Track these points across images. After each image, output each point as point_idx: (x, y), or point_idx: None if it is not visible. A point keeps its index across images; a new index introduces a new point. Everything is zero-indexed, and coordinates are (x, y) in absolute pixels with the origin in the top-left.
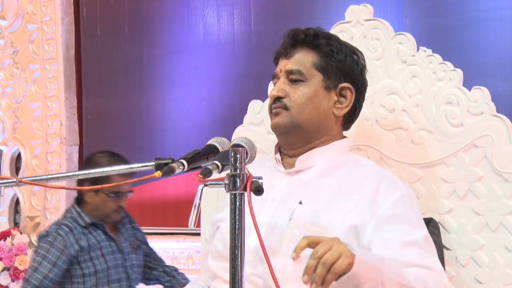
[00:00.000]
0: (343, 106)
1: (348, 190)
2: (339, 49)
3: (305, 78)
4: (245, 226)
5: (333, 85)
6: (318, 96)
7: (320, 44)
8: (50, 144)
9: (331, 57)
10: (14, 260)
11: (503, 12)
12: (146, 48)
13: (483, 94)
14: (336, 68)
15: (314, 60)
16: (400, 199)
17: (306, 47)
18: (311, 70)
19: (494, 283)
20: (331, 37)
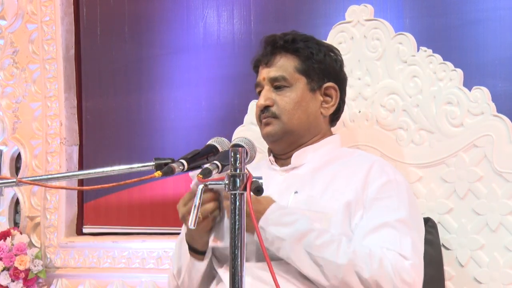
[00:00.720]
0: (329, 105)
1: (343, 177)
2: (318, 50)
3: (289, 84)
4: (244, 226)
5: (317, 86)
6: (305, 99)
7: (299, 48)
8: (50, 144)
9: (312, 59)
10: (14, 260)
11: (503, 12)
12: (146, 48)
13: (483, 94)
14: (318, 69)
15: (296, 64)
16: (385, 184)
17: (286, 53)
18: (295, 75)
19: (494, 283)
20: (308, 39)
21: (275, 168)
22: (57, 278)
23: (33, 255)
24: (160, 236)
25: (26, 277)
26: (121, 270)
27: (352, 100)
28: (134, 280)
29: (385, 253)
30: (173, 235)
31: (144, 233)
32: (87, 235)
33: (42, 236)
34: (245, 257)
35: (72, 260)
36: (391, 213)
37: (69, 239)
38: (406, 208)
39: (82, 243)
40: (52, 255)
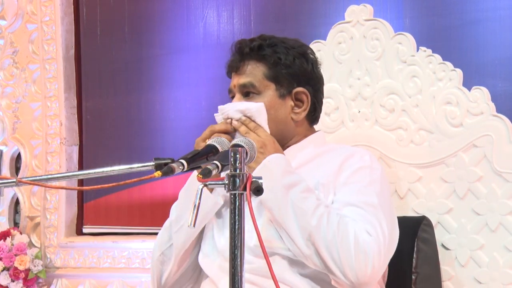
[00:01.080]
0: (300, 110)
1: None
2: (286, 54)
3: (258, 91)
4: (244, 225)
5: (287, 92)
6: (273, 107)
7: (266, 54)
8: (50, 144)
9: (280, 65)
10: (14, 260)
11: (503, 12)
12: (146, 48)
13: (483, 94)
14: (287, 74)
15: (264, 70)
16: (358, 170)
17: (254, 59)
18: (263, 82)
19: (494, 283)
20: (276, 44)
21: None
22: (57, 278)
23: (33, 255)
24: None
25: (26, 277)
26: (121, 270)
27: (351, 100)
28: (134, 280)
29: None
30: None
31: (144, 233)
32: (87, 235)
33: (42, 236)
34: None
35: (72, 260)
36: (359, 195)
37: (69, 239)
38: (375, 193)
39: (82, 243)
40: (52, 255)
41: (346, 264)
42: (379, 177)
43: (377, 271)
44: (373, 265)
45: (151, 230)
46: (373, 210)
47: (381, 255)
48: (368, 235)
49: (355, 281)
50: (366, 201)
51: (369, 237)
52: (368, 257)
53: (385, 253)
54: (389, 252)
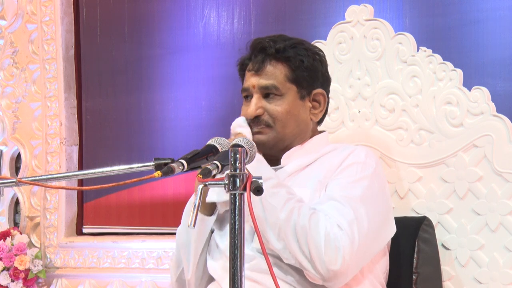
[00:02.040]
0: (318, 111)
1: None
2: (307, 56)
3: (280, 93)
4: (244, 225)
5: (306, 93)
6: (296, 107)
7: (290, 56)
8: (50, 144)
9: (302, 67)
10: (14, 260)
11: (503, 12)
12: (146, 48)
13: (483, 94)
14: (308, 77)
15: (286, 73)
16: (351, 165)
17: (275, 61)
18: (285, 84)
19: (494, 283)
20: (296, 45)
21: None
22: (57, 278)
23: (33, 255)
24: (160, 236)
25: (26, 277)
26: (121, 270)
27: (352, 100)
28: (134, 280)
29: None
30: (173, 235)
31: (144, 233)
32: (87, 235)
33: (42, 236)
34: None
35: (72, 260)
36: (342, 190)
37: (69, 239)
38: (361, 187)
39: (82, 243)
40: (52, 255)
41: (316, 257)
42: (371, 173)
43: (349, 264)
44: (344, 258)
45: (151, 230)
46: (352, 203)
47: (354, 249)
48: (339, 229)
49: (326, 274)
50: (348, 195)
51: (340, 231)
52: (338, 250)
53: (359, 247)
54: (368, 247)
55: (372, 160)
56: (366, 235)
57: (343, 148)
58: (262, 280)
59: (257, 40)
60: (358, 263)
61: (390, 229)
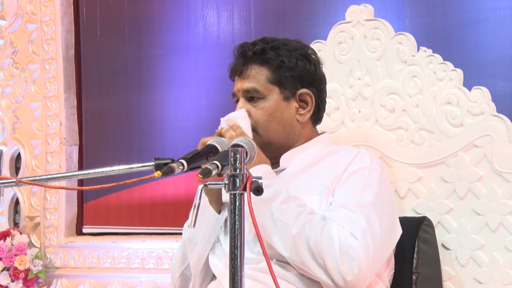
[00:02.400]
0: (305, 111)
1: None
2: (289, 56)
3: (262, 95)
4: (244, 225)
5: (291, 94)
6: (279, 109)
7: (269, 58)
8: (49, 144)
9: (283, 68)
10: (13, 260)
11: (503, 12)
12: (146, 48)
13: (483, 94)
14: (291, 77)
15: (267, 74)
16: (357, 171)
17: (257, 63)
18: (267, 86)
19: (494, 283)
20: (278, 46)
21: None
22: (57, 278)
23: (33, 255)
24: (160, 236)
25: (26, 277)
26: (121, 270)
27: (352, 100)
28: (134, 280)
29: (337, 228)
30: (173, 235)
31: (144, 233)
32: (87, 235)
33: (42, 236)
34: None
35: (72, 260)
36: (352, 196)
37: (69, 239)
38: (371, 193)
39: (82, 243)
40: (52, 255)
41: (333, 269)
42: (378, 178)
43: (366, 273)
44: (360, 267)
45: (151, 230)
46: (364, 210)
47: (369, 257)
48: (353, 238)
49: (344, 285)
50: (359, 202)
51: (355, 240)
52: (354, 260)
53: (374, 254)
54: (381, 253)
55: (377, 165)
56: (380, 242)
57: (346, 151)
58: (264, 279)
59: (239, 44)
60: (373, 270)
61: (398, 231)
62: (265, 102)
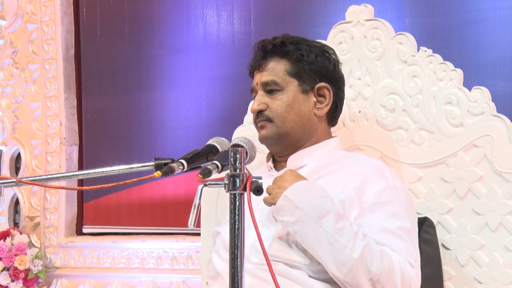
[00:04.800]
0: (323, 105)
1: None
2: (309, 51)
3: (280, 87)
4: (244, 225)
5: (309, 87)
6: (297, 101)
7: (289, 50)
8: (49, 144)
9: (302, 61)
10: (13, 260)
11: (503, 12)
12: (146, 48)
13: (483, 94)
14: (309, 70)
15: (286, 67)
16: (385, 189)
17: (276, 57)
18: (285, 78)
19: (494, 283)
20: (299, 41)
21: (273, 173)
22: (57, 278)
23: (33, 255)
24: (160, 236)
25: (26, 277)
26: (121, 270)
27: (352, 100)
28: (134, 280)
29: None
30: (173, 235)
31: (144, 233)
32: (87, 235)
33: (42, 236)
34: (245, 257)
35: (72, 260)
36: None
37: (69, 239)
38: (408, 216)
39: (82, 243)
40: (52, 255)
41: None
42: (405, 195)
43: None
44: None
45: (151, 230)
46: (409, 237)
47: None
48: (411, 267)
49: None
50: (401, 226)
51: (412, 269)
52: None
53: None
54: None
55: (398, 179)
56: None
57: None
58: (266, 277)
59: (260, 40)
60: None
61: None
62: (283, 94)
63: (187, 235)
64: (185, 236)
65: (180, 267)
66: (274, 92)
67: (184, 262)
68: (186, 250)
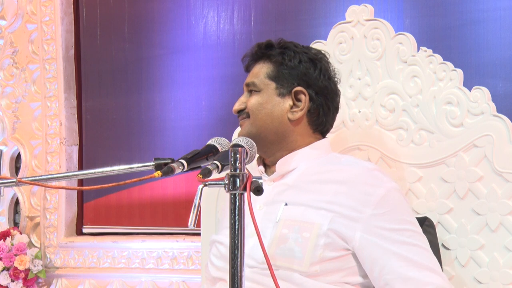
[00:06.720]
0: (298, 109)
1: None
2: (293, 56)
3: (258, 89)
4: (244, 226)
5: (287, 91)
6: (270, 102)
7: (272, 54)
8: (49, 144)
9: (283, 65)
10: (13, 260)
11: (503, 12)
12: (146, 48)
13: (483, 94)
14: (288, 75)
15: (268, 70)
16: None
17: (262, 60)
18: (264, 80)
19: (494, 283)
20: (287, 46)
21: (264, 178)
22: (57, 278)
23: (33, 255)
24: (160, 236)
25: (26, 277)
26: (120, 270)
27: (352, 100)
28: (134, 280)
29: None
30: (173, 235)
31: (144, 233)
32: (87, 235)
33: (42, 236)
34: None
35: (72, 260)
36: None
37: (69, 239)
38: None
39: (82, 243)
40: (52, 255)
41: None
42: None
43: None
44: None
45: (151, 230)
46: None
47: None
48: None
49: None
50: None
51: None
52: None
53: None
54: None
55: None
56: None
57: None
58: (265, 282)
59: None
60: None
61: None
62: (259, 95)
63: (187, 235)
64: (185, 236)
65: (180, 267)
66: (253, 93)
67: (184, 262)
68: (186, 250)
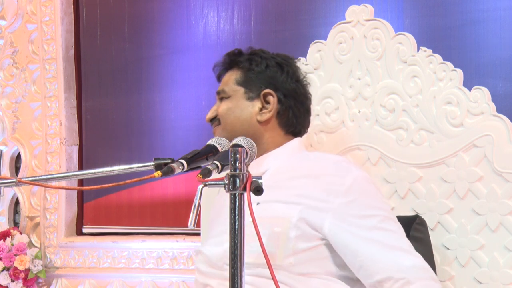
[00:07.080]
0: (267, 111)
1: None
2: (259, 62)
3: (228, 95)
4: (244, 227)
5: (255, 95)
6: (239, 106)
7: (239, 61)
8: (49, 144)
9: (251, 70)
10: (13, 260)
11: (503, 12)
12: (146, 48)
13: (483, 94)
14: (256, 79)
15: (237, 77)
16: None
17: (231, 68)
18: (233, 87)
19: (494, 283)
20: (255, 53)
21: None
22: (57, 278)
23: (33, 255)
24: (160, 236)
25: (26, 277)
26: (120, 270)
27: (352, 100)
28: (134, 280)
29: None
30: (173, 235)
31: (144, 233)
32: (87, 235)
33: (42, 236)
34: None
35: (72, 260)
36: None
37: (69, 239)
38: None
39: (82, 243)
40: (52, 255)
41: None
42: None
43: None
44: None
45: (151, 230)
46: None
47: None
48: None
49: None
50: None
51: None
52: None
53: None
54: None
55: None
56: None
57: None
58: (261, 284)
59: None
60: None
61: None
62: (228, 100)
63: (187, 235)
64: (185, 236)
65: (180, 267)
66: (223, 100)
67: (184, 262)
68: (186, 250)
